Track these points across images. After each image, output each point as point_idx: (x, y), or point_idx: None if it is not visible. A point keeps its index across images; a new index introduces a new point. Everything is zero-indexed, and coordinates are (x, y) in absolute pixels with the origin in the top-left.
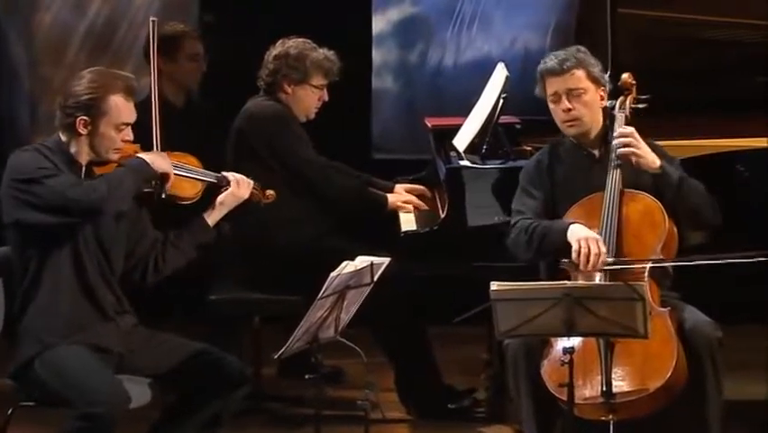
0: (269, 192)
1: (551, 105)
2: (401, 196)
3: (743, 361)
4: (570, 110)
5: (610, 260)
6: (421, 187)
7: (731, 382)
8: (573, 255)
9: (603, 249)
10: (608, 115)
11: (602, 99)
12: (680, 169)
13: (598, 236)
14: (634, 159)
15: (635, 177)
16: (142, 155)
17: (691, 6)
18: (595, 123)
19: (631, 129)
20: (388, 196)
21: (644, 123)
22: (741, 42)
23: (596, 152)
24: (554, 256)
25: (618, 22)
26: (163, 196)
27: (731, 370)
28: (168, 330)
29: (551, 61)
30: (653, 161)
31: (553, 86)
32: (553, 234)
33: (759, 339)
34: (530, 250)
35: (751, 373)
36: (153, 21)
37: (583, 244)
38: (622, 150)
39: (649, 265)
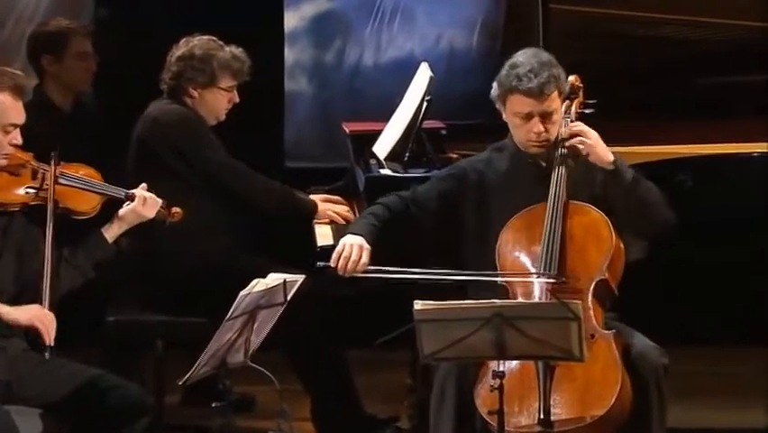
0: (176, 210)
1: (516, 121)
2: (332, 205)
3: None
4: (543, 132)
5: (371, 267)
6: (338, 198)
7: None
8: (333, 257)
9: (364, 259)
10: None
11: None
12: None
13: (365, 246)
14: (583, 149)
15: (585, 173)
16: None
17: (629, 2)
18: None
19: (580, 124)
20: (319, 203)
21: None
22: (682, 40)
23: (543, 162)
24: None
25: (550, 18)
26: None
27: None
28: (62, 355)
29: (529, 81)
30: (605, 153)
31: (525, 106)
32: (348, 229)
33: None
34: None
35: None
36: None
37: (346, 248)
38: (571, 140)
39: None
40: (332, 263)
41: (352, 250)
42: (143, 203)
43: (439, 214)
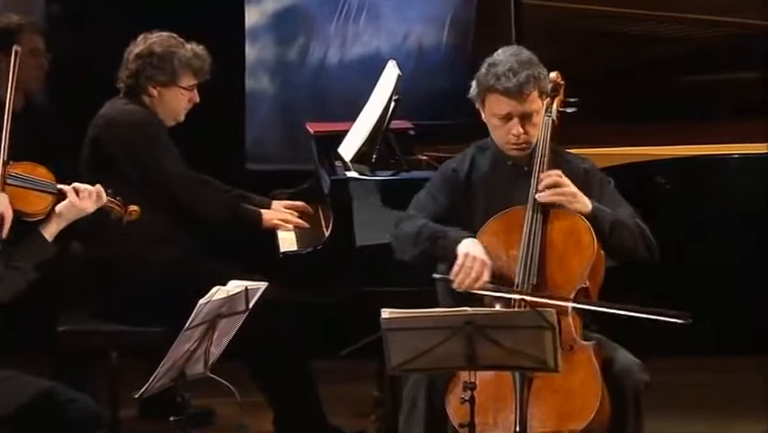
0: (133, 208)
1: (494, 122)
2: (278, 213)
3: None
4: (522, 134)
5: (491, 286)
6: (301, 203)
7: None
8: (455, 270)
9: (486, 277)
10: None
11: None
12: (615, 193)
13: (488, 261)
14: (563, 204)
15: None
16: None
17: None
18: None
19: (556, 172)
20: (263, 212)
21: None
22: (662, 38)
23: (524, 165)
24: (435, 262)
25: (524, 14)
26: None
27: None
28: (10, 366)
29: (508, 80)
30: (583, 205)
31: (505, 106)
32: (445, 239)
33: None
34: (416, 246)
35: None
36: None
37: (468, 262)
38: (549, 198)
39: (571, 305)
40: (452, 276)
41: (474, 266)
42: (77, 194)
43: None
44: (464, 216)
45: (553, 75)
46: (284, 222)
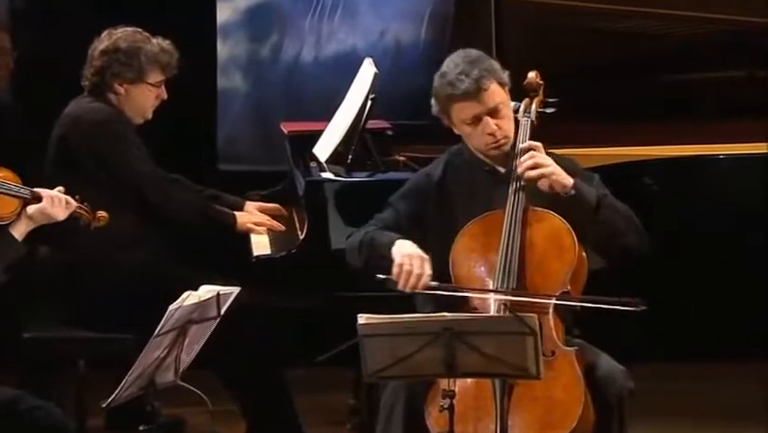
0: (101, 214)
1: (466, 129)
2: (252, 216)
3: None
4: (497, 130)
5: (434, 283)
6: (274, 205)
7: None
8: (394, 271)
9: (428, 271)
10: None
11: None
12: (601, 186)
13: (425, 256)
14: (543, 181)
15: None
16: None
17: None
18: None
19: (536, 144)
20: (237, 215)
21: (538, 130)
22: (647, 35)
23: (500, 168)
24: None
25: (504, 10)
26: None
27: None
28: None
29: (462, 83)
30: (565, 179)
31: (469, 110)
32: (380, 245)
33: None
34: (360, 256)
35: None
36: None
37: (406, 261)
38: (530, 173)
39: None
40: (394, 278)
41: (413, 263)
42: (51, 202)
43: (410, 236)
44: (437, 221)
45: (531, 75)
46: (258, 225)
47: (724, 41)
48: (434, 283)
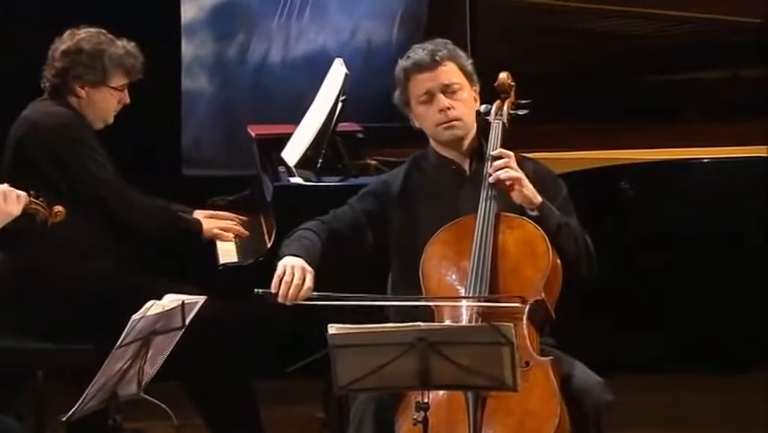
0: (58, 209)
1: (420, 109)
2: (219, 221)
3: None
4: (449, 108)
5: (315, 294)
6: (226, 214)
7: None
8: (274, 282)
9: (308, 283)
10: (482, 122)
11: (475, 101)
12: (567, 201)
13: (308, 268)
14: (515, 194)
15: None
16: None
17: None
18: (472, 128)
19: (509, 152)
20: (203, 221)
21: (512, 132)
22: (628, 35)
23: (466, 166)
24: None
25: (479, 9)
26: None
27: None
28: None
29: (417, 54)
30: (534, 196)
31: (423, 84)
32: (280, 255)
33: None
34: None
35: None
36: None
37: (287, 270)
38: (500, 174)
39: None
40: (272, 289)
41: (294, 273)
42: (4, 198)
43: (366, 235)
44: (402, 226)
45: (502, 76)
46: (225, 231)
47: (706, 41)
48: (315, 294)
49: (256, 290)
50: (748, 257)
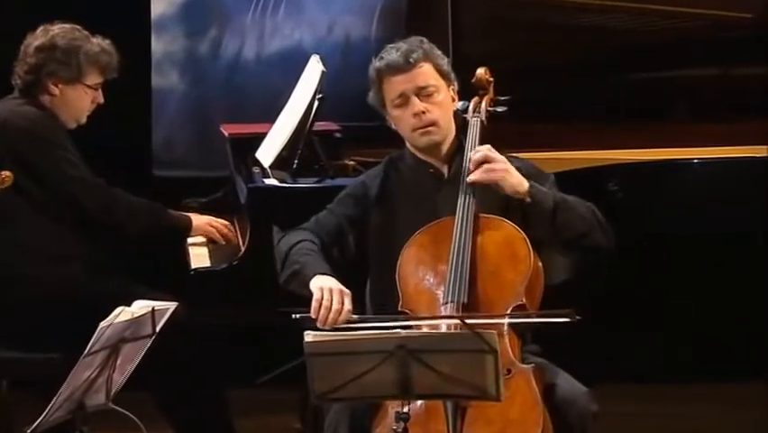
0: (5, 174)
1: (395, 112)
2: (211, 218)
3: None
4: (423, 112)
5: (355, 317)
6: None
7: None
8: (313, 306)
9: (348, 305)
10: (460, 120)
11: (453, 101)
12: (554, 187)
13: (345, 290)
14: (496, 182)
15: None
16: None
17: None
18: (449, 131)
19: (485, 147)
20: (193, 217)
21: (494, 131)
22: (615, 30)
23: (444, 170)
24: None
25: (461, 3)
26: None
27: None
28: None
29: (391, 55)
30: (518, 183)
31: (397, 86)
32: (301, 274)
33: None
34: (283, 271)
35: None
36: None
37: (326, 295)
38: (479, 177)
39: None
40: (312, 314)
41: (333, 297)
42: None
43: (348, 240)
44: (379, 230)
45: (480, 71)
46: (215, 229)
47: (695, 37)
48: (355, 317)
49: (294, 315)
50: (743, 260)
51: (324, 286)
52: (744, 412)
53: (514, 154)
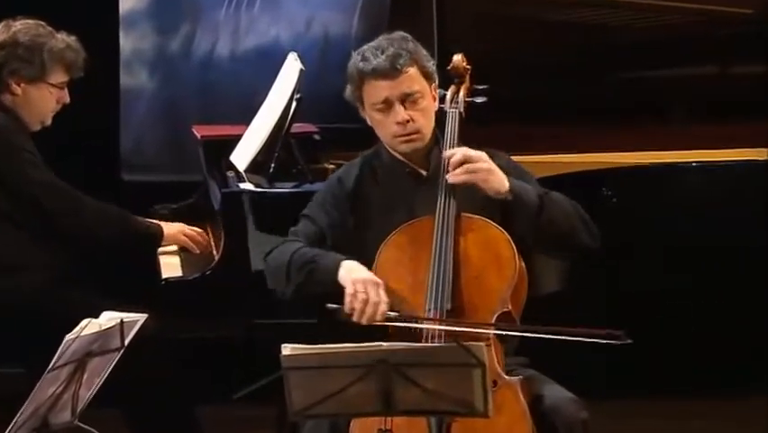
0: None
1: (376, 116)
2: (184, 226)
3: None
4: (408, 121)
5: (393, 314)
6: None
7: None
8: (347, 301)
9: (384, 297)
10: (437, 112)
11: (434, 100)
12: (536, 186)
13: (378, 280)
14: (478, 183)
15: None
16: None
17: None
18: (430, 133)
19: (461, 148)
20: (164, 225)
21: (479, 132)
22: (607, 27)
23: (423, 170)
24: (320, 298)
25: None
26: None
27: None
28: None
29: (376, 58)
30: (500, 184)
31: (381, 91)
32: (321, 269)
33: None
34: (290, 282)
35: None
36: None
37: (360, 289)
38: (461, 178)
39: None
40: (347, 309)
41: (368, 288)
42: None
43: (327, 246)
44: (353, 233)
45: (456, 58)
46: (191, 239)
47: (693, 33)
48: (392, 313)
49: (328, 305)
50: (743, 267)
51: (358, 278)
52: (744, 429)
53: (492, 150)
